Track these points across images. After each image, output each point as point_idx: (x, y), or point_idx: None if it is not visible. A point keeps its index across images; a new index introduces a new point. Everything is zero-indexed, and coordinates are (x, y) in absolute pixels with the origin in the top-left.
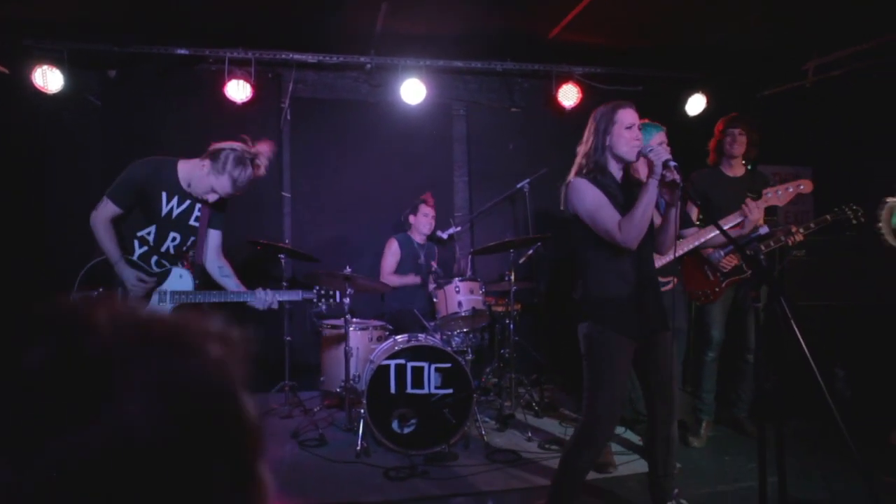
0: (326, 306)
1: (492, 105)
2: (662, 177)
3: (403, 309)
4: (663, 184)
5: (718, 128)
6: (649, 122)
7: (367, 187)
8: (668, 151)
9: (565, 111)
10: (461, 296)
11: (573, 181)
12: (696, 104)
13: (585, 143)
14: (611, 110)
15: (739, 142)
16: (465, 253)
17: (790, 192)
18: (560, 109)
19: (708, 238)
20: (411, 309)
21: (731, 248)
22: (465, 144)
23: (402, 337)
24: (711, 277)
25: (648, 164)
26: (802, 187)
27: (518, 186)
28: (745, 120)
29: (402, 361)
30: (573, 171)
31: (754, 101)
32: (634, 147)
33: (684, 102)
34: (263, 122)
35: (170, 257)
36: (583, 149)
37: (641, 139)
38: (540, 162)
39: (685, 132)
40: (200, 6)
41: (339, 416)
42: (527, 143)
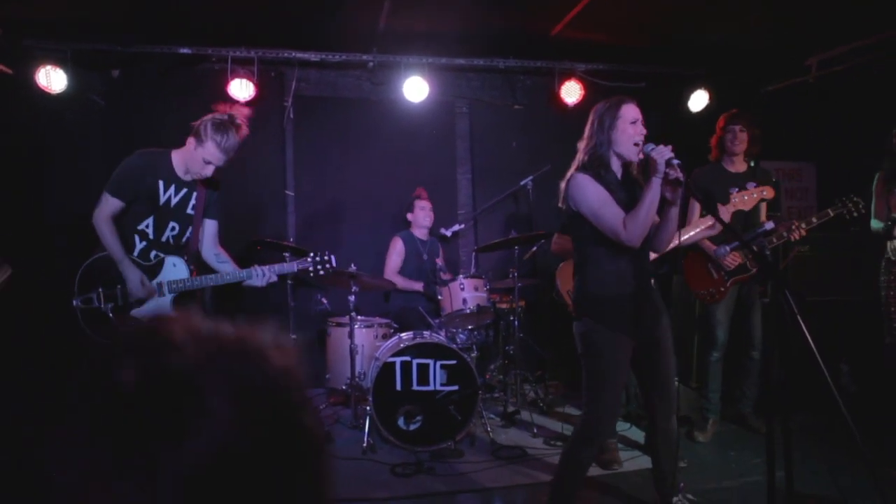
0: (324, 272)
1: (494, 102)
2: (665, 175)
3: (408, 306)
4: (666, 181)
5: (720, 124)
6: None
7: (371, 185)
8: (671, 149)
9: (568, 108)
10: (466, 293)
11: (575, 176)
12: (698, 100)
13: (587, 138)
14: (614, 105)
15: (740, 138)
16: (469, 250)
17: (754, 197)
18: (563, 106)
19: (699, 231)
20: (416, 306)
21: (736, 243)
22: (468, 142)
23: (407, 334)
24: (716, 276)
25: (651, 163)
26: (765, 193)
27: (521, 184)
28: (746, 116)
29: (407, 358)
30: (574, 167)
31: (757, 97)
32: (639, 142)
33: (687, 99)
34: (266, 121)
35: (170, 248)
36: (584, 144)
37: (643, 135)
38: (543, 159)
39: (688, 128)
40: (203, 5)
41: (345, 414)
42: (529, 140)
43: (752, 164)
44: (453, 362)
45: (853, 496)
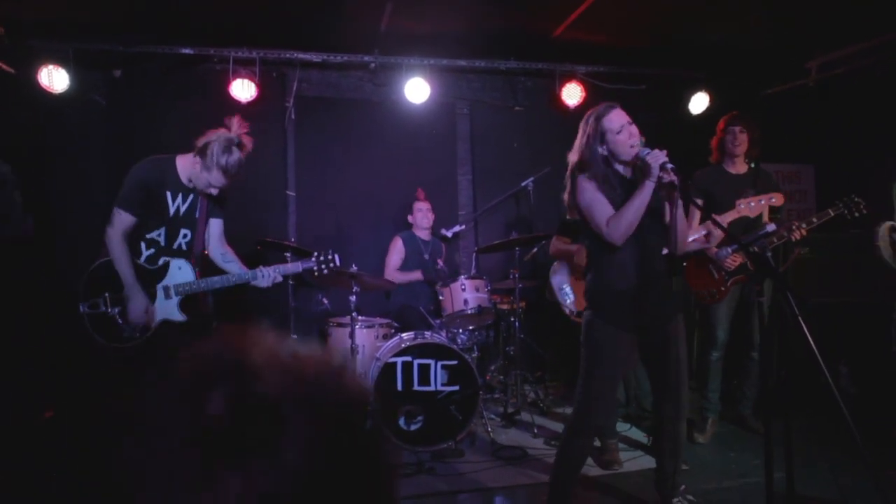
0: (329, 271)
1: (495, 104)
2: (659, 178)
3: (409, 307)
4: (661, 185)
5: (720, 126)
6: None
7: (372, 186)
8: (665, 153)
9: (569, 110)
10: (467, 293)
11: (577, 178)
12: (699, 103)
13: (577, 151)
14: (595, 121)
15: (741, 140)
16: (470, 251)
17: (762, 204)
18: (563, 108)
19: (693, 241)
20: (417, 307)
21: (736, 245)
22: (469, 143)
23: (408, 334)
24: (717, 276)
25: (645, 167)
26: (774, 200)
27: (522, 185)
28: (746, 118)
29: (408, 359)
30: (571, 170)
31: (757, 100)
32: (633, 145)
33: (688, 101)
34: (268, 122)
35: (182, 254)
36: (573, 157)
37: (637, 134)
38: (543, 160)
39: (688, 131)
40: (205, 6)
41: None
42: (530, 141)
43: (753, 165)
44: (454, 363)
45: (853, 498)
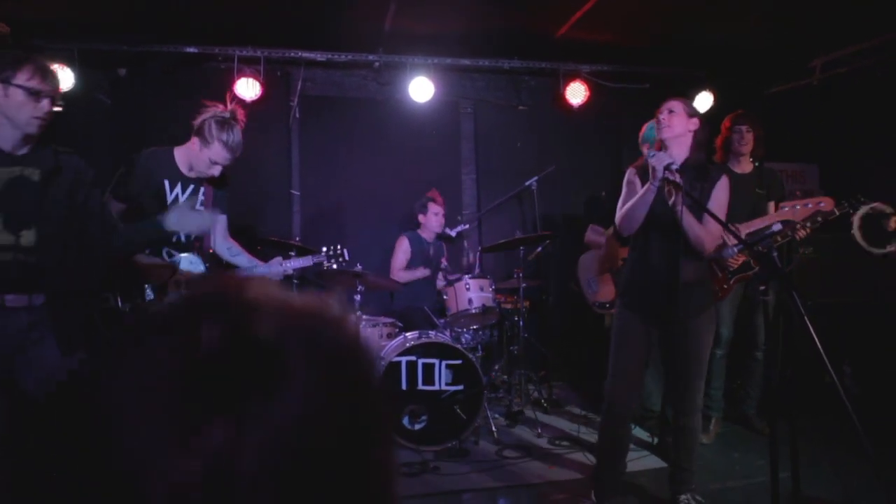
0: (338, 265)
1: (499, 103)
2: (665, 179)
3: (413, 306)
4: (668, 184)
5: (725, 125)
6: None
7: (376, 185)
8: (670, 155)
9: (573, 109)
10: (471, 293)
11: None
12: (703, 102)
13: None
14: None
15: (747, 139)
16: (474, 250)
17: (809, 208)
18: (567, 107)
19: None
20: (421, 306)
21: (741, 245)
22: (473, 142)
23: (412, 334)
24: (720, 274)
25: (651, 169)
26: (823, 205)
27: (526, 184)
28: (752, 117)
29: (412, 358)
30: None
31: (761, 99)
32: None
33: (691, 100)
34: (272, 121)
35: (181, 247)
36: None
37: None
38: (547, 160)
39: None
40: (209, 5)
41: None
42: (534, 140)
43: (757, 164)
44: (459, 362)
45: (859, 499)
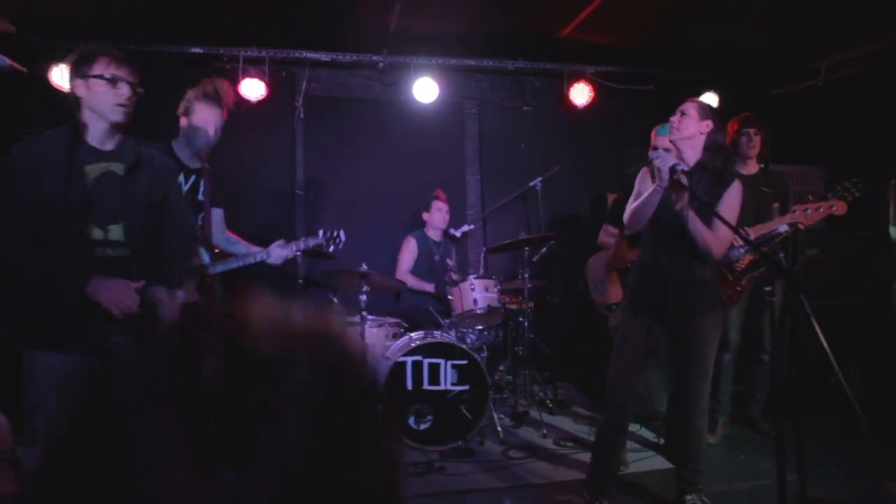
0: (335, 247)
1: (503, 104)
2: (670, 180)
3: (418, 306)
4: (672, 187)
5: (733, 127)
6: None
7: (381, 185)
8: (675, 157)
9: (577, 110)
10: (477, 293)
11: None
12: (708, 103)
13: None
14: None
15: (755, 141)
16: (479, 250)
17: (820, 212)
18: (572, 108)
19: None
20: (426, 306)
21: (748, 247)
22: (477, 143)
23: (417, 334)
24: (731, 278)
25: (657, 171)
26: (835, 209)
27: (530, 185)
28: (759, 119)
29: (418, 358)
30: None
31: (766, 100)
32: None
33: None
34: (277, 121)
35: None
36: None
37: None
38: (552, 160)
39: None
40: (214, 5)
41: None
42: (539, 141)
43: (763, 166)
44: (464, 362)
45: (865, 500)
